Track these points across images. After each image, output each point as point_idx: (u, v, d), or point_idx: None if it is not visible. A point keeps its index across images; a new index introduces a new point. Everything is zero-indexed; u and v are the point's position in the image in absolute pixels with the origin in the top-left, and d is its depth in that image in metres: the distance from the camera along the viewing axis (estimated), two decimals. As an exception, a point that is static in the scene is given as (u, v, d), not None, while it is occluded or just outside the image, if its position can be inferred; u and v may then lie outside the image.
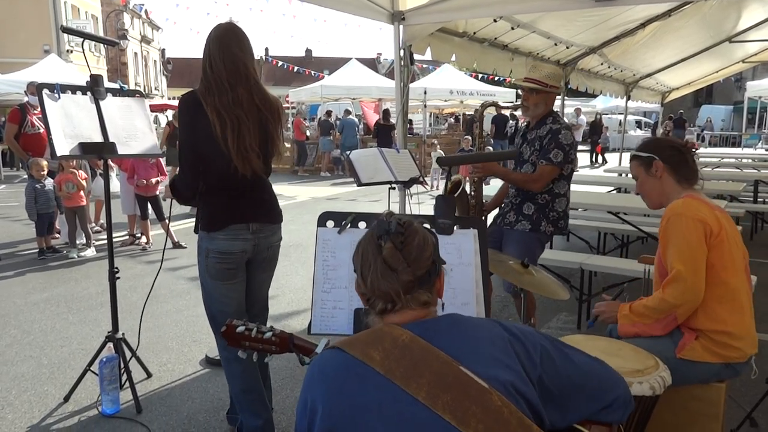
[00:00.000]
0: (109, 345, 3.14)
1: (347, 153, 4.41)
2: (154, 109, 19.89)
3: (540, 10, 4.71)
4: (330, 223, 1.98)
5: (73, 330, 4.22)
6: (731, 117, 32.87)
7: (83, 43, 3.21)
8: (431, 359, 1.13)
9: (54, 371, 3.55)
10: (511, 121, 16.38)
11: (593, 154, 19.24)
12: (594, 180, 8.24)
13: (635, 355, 2.01)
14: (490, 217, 3.74)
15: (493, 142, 15.68)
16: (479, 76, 19.66)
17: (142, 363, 3.44)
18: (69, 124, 3.02)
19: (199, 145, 2.36)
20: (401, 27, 4.48)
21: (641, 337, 2.18)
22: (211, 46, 2.37)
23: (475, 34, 5.29)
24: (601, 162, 18.75)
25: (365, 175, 3.98)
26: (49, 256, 6.35)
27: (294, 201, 10.72)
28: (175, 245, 6.68)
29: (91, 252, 6.47)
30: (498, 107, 4.37)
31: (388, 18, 4.45)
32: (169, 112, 13.62)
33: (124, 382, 3.15)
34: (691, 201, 2.15)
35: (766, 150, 22.20)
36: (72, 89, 3.13)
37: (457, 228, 1.95)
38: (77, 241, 6.49)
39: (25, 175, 7.51)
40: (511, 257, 2.50)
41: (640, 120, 28.58)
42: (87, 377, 3.21)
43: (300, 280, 5.41)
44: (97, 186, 6.99)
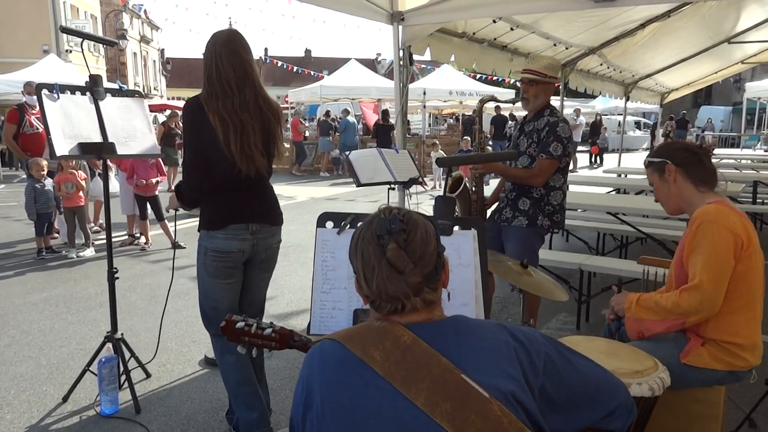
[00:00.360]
0: (108, 345, 3.14)
1: (347, 153, 4.40)
2: (154, 109, 19.87)
3: (539, 10, 4.71)
4: (329, 224, 1.98)
5: (72, 330, 4.21)
6: (730, 118, 32.84)
7: (82, 43, 3.20)
8: (432, 364, 1.11)
9: (53, 371, 3.55)
10: (510, 122, 16.39)
11: (592, 155, 19.24)
12: (593, 181, 8.24)
13: (634, 356, 2.00)
14: (489, 212, 3.74)
15: (492, 142, 15.69)
16: (477, 76, 19.66)
17: (141, 363, 3.44)
18: (68, 124, 3.02)
19: (203, 148, 2.41)
20: (400, 27, 4.49)
21: (645, 337, 2.16)
22: (217, 50, 2.40)
23: (474, 34, 5.29)
24: (599, 163, 18.73)
25: (364, 175, 3.98)
26: (48, 256, 6.35)
27: (293, 201, 10.72)
28: (174, 245, 6.66)
29: (90, 252, 6.46)
30: (496, 101, 4.37)
31: (387, 18, 4.45)
32: (168, 113, 13.61)
33: (123, 382, 3.15)
34: (723, 209, 2.08)
35: (765, 151, 22.22)
36: (71, 89, 3.13)
37: (456, 228, 1.95)
38: (76, 241, 6.49)
39: (24, 175, 7.50)
40: (510, 258, 2.50)
41: (639, 121, 28.59)
42: (86, 377, 3.20)
43: (299, 281, 5.41)
44: (96, 186, 6.99)
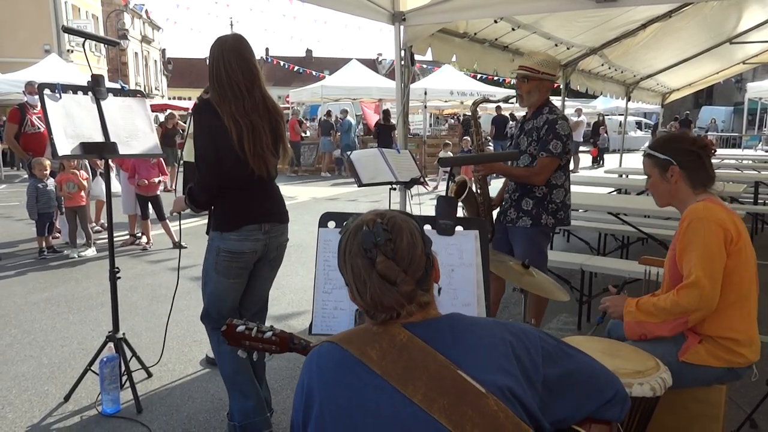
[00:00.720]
0: (110, 345, 3.14)
1: (348, 153, 4.40)
2: (155, 109, 19.90)
3: (541, 11, 4.71)
4: (331, 224, 1.98)
5: (73, 330, 4.22)
6: (731, 118, 32.81)
7: (84, 43, 3.21)
8: (429, 361, 1.12)
9: (54, 371, 3.55)
10: (511, 122, 16.38)
11: (593, 157, 19.24)
12: (594, 181, 8.23)
13: (635, 356, 2.01)
14: (495, 213, 3.73)
15: (493, 142, 15.70)
16: (478, 76, 19.65)
17: (142, 363, 3.44)
18: (70, 124, 3.02)
19: (216, 150, 2.43)
20: (402, 27, 4.49)
21: (646, 338, 2.17)
22: (225, 54, 2.43)
23: (475, 34, 5.29)
24: (600, 164, 18.70)
25: (366, 175, 3.97)
26: (49, 255, 6.35)
27: (295, 201, 10.71)
28: (176, 245, 6.68)
29: (91, 252, 6.47)
30: (489, 102, 4.39)
31: (388, 18, 4.45)
32: (176, 112, 13.61)
33: (124, 381, 3.16)
34: (711, 205, 2.11)
35: (766, 151, 22.19)
36: (73, 89, 3.14)
37: (458, 229, 1.95)
38: (77, 241, 6.50)
39: (26, 175, 7.50)
40: (512, 258, 2.50)
41: (641, 121, 28.57)
42: (87, 377, 3.21)
43: (300, 281, 5.41)
44: (97, 186, 7.00)
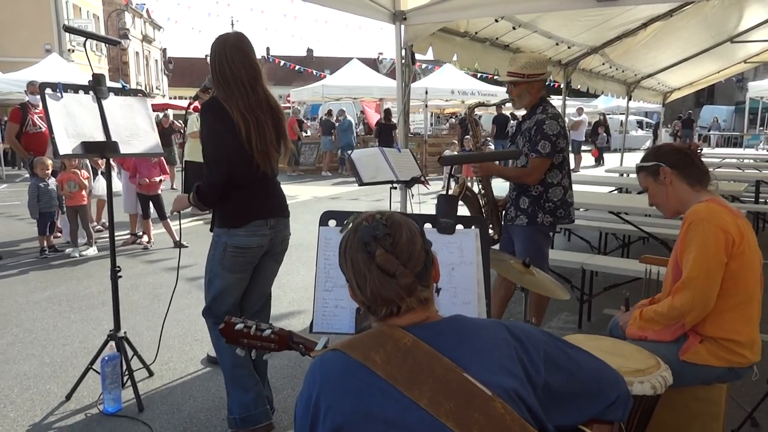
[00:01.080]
0: (111, 344, 3.15)
1: (348, 152, 4.41)
2: (156, 108, 19.90)
3: (541, 10, 4.71)
4: (332, 222, 1.98)
5: (74, 328, 4.23)
6: (733, 117, 32.76)
7: (85, 42, 3.22)
8: (434, 364, 1.11)
9: (56, 370, 3.56)
10: (512, 121, 16.36)
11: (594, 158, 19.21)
12: (595, 180, 8.23)
13: (636, 355, 2.01)
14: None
15: (494, 142, 15.68)
16: (478, 75, 19.60)
17: (143, 361, 3.44)
18: (71, 123, 3.02)
19: (225, 147, 2.45)
20: (402, 27, 4.49)
21: (647, 340, 2.17)
22: (227, 51, 2.46)
23: (476, 34, 5.29)
24: (601, 164, 18.68)
25: (367, 174, 3.97)
26: (50, 255, 6.36)
27: (296, 200, 10.71)
28: (176, 244, 6.69)
29: (92, 251, 6.48)
30: (484, 106, 4.36)
31: (389, 18, 4.45)
32: (169, 112, 13.63)
33: (125, 380, 3.16)
34: (714, 207, 2.09)
35: (768, 150, 22.17)
36: (74, 88, 3.14)
37: (459, 227, 1.95)
38: (79, 240, 6.51)
39: (27, 174, 7.51)
40: (512, 256, 2.51)
41: (642, 120, 28.54)
42: (89, 376, 3.21)
43: (301, 280, 5.41)
44: (99, 185, 7.01)
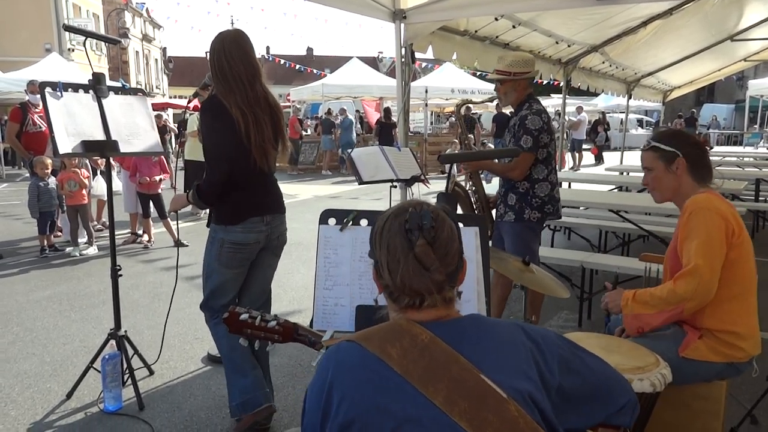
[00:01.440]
0: (112, 342, 3.15)
1: (348, 151, 4.41)
2: (156, 107, 19.90)
3: (541, 8, 4.71)
4: (332, 221, 1.98)
5: (75, 327, 4.23)
6: (733, 115, 32.76)
7: (85, 41, 3.22)
8: (451, 363, 1.10)
9: (57, 368, 3.56)
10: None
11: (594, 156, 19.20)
12: (595, 178, 8.24)
13: (635, 352, 2.01)
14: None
15: (493, 140, 15.68)
16: (477, 73, 19.59)
17: (144, 360, 3.45)
18: (71, 122, 3.03)
19: (225, 144, 2.47)
20: (402, 25, 4.48)
21: (644, 331, 2.17)
22: (226, 48, 2.48)
23: (476, 32, 5.29)
24: (601, 162, 18.68)
25: (367, 173, 3.98)
26: (51, 254, 6.37)
27: (296, 199, 10.72)
28: (177, 243, 6.68)
29: (92, 250, 6.48)
30: (471, 104, 4.38)
31: (389, 16, 4.45)
32: (170, 111, 13.65)
33: (126, 379, 3.17)
34: (713, 197, 2.12)
35: (768, 148, 22.17)
36: (74, 87, 3.15)
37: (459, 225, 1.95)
38: (79, 240, 6.51)
39: (27, 174, 7.51)
40: (512, 255, 2.51)
41: (642, 119, 28.54)
42: (89, 374, 3.22)
43: (301, 279, 5.42)
44: (99, 184, 7.01)
